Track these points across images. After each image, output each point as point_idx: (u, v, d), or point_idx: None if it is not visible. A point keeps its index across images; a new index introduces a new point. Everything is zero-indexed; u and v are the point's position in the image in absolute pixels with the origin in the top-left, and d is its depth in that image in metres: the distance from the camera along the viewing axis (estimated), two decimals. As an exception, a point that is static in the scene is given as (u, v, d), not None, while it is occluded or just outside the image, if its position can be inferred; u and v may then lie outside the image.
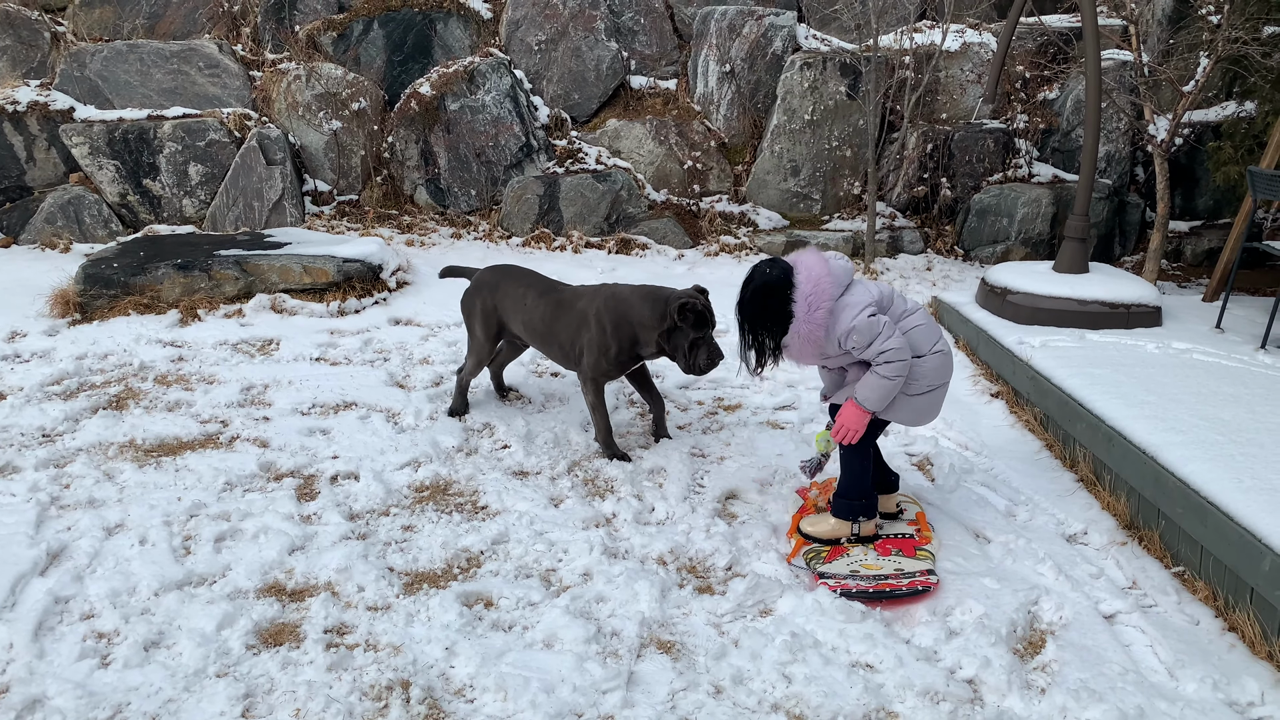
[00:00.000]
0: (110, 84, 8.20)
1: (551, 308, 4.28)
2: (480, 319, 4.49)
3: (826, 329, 3.27)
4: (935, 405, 3.49)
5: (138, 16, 8.83)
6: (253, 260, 6.31)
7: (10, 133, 7.90)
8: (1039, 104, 8.39)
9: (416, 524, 3.69)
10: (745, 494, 4.00)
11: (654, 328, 4.02)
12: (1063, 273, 5.84)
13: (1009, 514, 3.91)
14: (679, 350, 4.01)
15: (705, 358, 4.00)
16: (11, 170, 7.96)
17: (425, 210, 8.42)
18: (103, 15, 8.81)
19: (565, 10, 8.56)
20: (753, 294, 3.35)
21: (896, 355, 3.24)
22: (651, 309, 4.03)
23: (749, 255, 7.98)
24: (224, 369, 5.22)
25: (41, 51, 8.49)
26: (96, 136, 7.87)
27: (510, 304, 4.40)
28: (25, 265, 7.07)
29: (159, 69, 8.26)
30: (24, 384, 4.90)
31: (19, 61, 8.44)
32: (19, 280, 6.60)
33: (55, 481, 3.92)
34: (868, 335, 3.24)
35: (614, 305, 4.11)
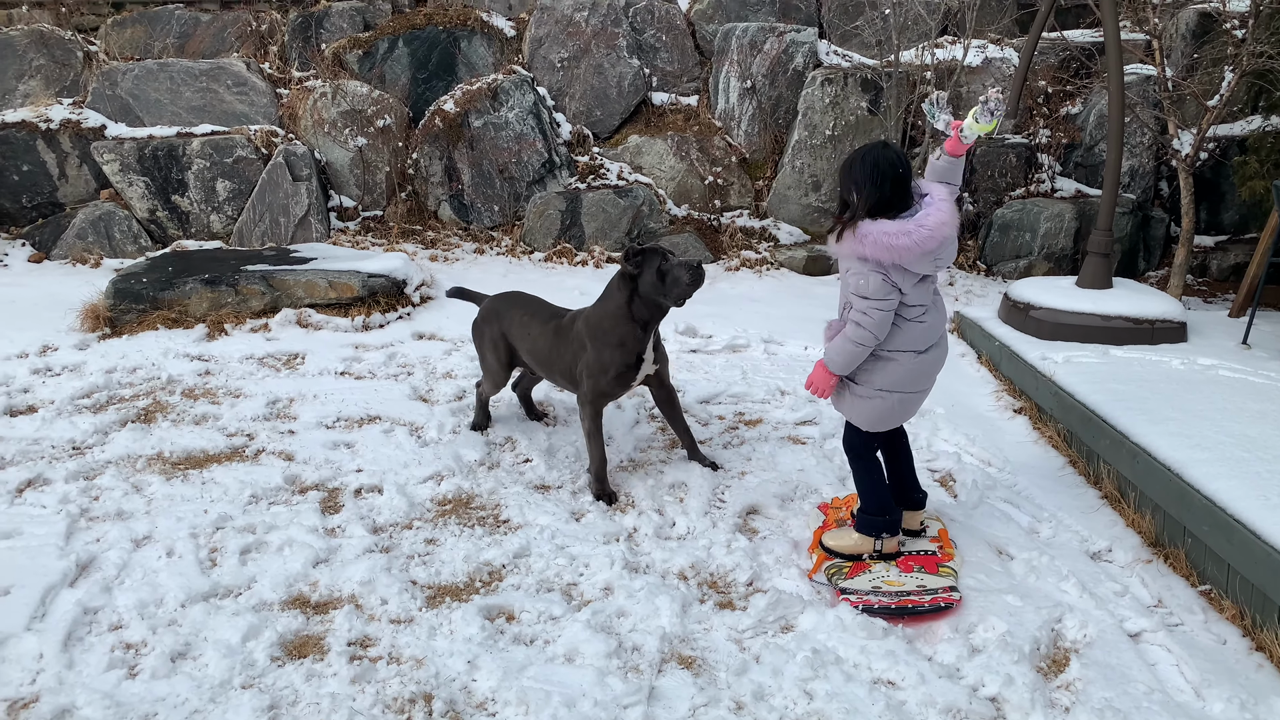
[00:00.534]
0: (141, 102, 8.34)
1: (552, 334, 4.26)
2: (490, 346, 4.51)
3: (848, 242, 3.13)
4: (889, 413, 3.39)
5: (168, 36, 8.98)
6: (279, 275, 6.39)
7: (43, 150, 8.06)
8: (1061, 119, 8.37)
9: (439, 537, 3.71)
10: (766, 509, 4.00)
11: (626, 302, 3.91)
12: (1086, 288, 5.81)
13: (1032, 531, 3.89)
14: (660, 293, 3.84)
15: (686, 272, 3.78)
16: (44, 187, 8.11)
17: (449, 226, 8.49)
18: (134, 35, 8.97)
19: (588, 28, 8.63)
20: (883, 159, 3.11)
21: (871, 326, 3.16)
22: (617, 288, 3.95)
23: (770, 270, 8.00)
24: (250, 383, 5.29)
25: (74, 70, 8.66)
26: (127, 153, 8.01)
27: (517, 332, 4.39)
28: (57, 280, 7.19)
29: (188, 87, 8.39)
30: (55, 397, 4.99)
31: (52, 80, 8.60)
32: (51, 295, 6.72)
33: (85, 494, 3.98)
34: (866, 289, 3.14)
35: (591, 314, 4.09)
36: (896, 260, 3.10)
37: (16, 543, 3.57)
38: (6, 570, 3.36)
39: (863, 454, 3.51)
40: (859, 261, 3.15)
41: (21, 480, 4.07)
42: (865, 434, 3.47)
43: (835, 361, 3.30)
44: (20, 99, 8.51)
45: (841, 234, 3.19)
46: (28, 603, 3.18)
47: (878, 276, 3.13)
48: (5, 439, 4.48)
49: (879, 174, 3.10)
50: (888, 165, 3.12)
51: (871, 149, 3.17)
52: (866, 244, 3.09)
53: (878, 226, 3.08)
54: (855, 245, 3.12)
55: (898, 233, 3.06)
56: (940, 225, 3.09)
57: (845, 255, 3.19)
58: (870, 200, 3.12)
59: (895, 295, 3.17)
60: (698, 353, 5.97)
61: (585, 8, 8.64)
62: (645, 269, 3.85)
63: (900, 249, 3.07)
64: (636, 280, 3.88)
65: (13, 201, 8.09)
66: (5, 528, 3.65)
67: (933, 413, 4.99)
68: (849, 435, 3.53)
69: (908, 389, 3.36)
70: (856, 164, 3.16)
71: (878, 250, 3.08)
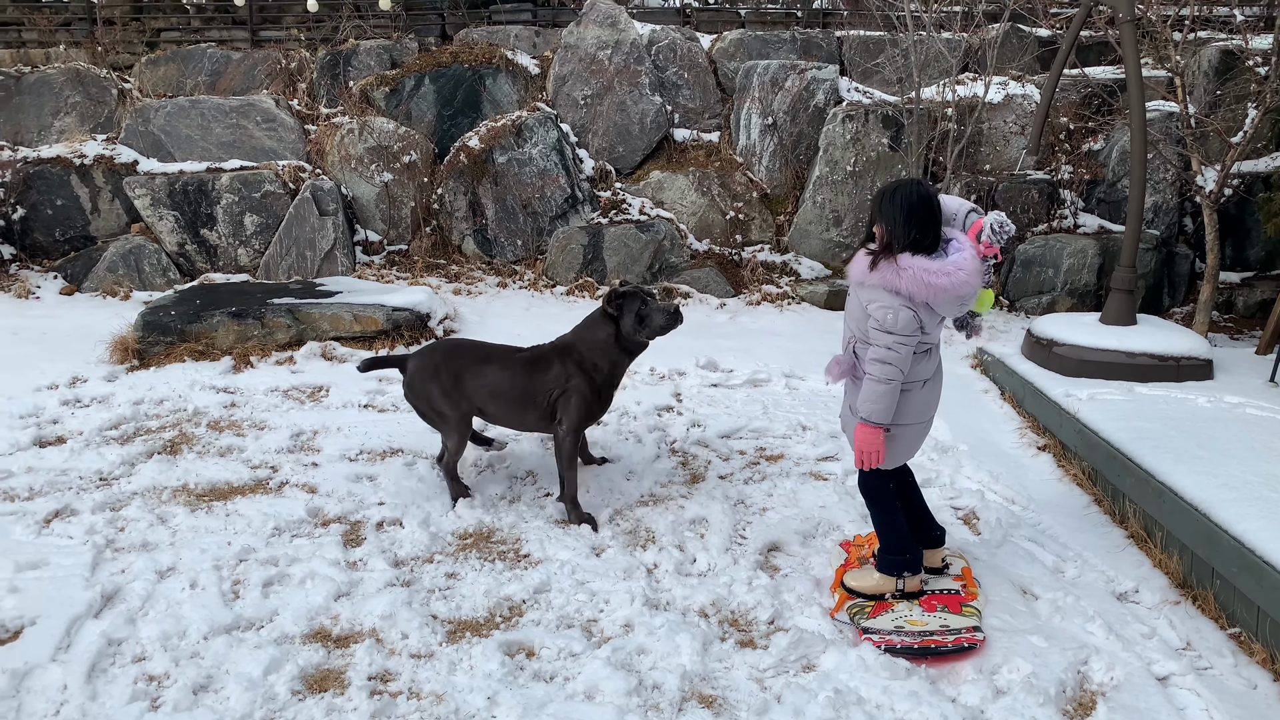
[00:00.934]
0: (172, 138, 8.51)
1: (522, 372, 4.18)
2: (446, 401, 4.21)
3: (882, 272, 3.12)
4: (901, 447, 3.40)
5: (200, 73, 9.17)
6: (304, 309, 6.46)
7: (77, 185, 8.22)
8: (1084, 155, 8.37)
9: (460, 571, 3.72)
10: (788, 546, 3.98)
11: (611, 337, 4.14)
12: (1110, 324, 5.78)
13: (1057, 570, 3.84)
14: (638, 331, 4.11)
15: (661, 315, 4.09)
16: (77, 221, 8.27)
17: (472, 260, 8.57)
18: (167, 73, 9.17)
19: (610, 66, 8.75)
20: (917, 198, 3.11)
21: (899, 362, 3.15)
22: (603, 321, 4.17)
23: (791, 304, 8.01)
24: (275, 415, 5.33)
25: (109, 107, 8.85)
26: (158, 188, 8.15)
27: (471, 379, 4.20)
28: (87, 312, 7.31)
29: (219, 123, 8.55)
30: (84, 428, 5.05)
31: (87, 117, 8.80)
32: (81, 327, 6.82)
33: (111, 524, 4.02)
34: (893, 324, 3.12)
35: (581, 344, 4.20)
36: (931, 299, 3.10)
37: (44, 573, 3.60)
38: (34, 600, 3.40)
39: (880, 494, 3.49)
40: (889, 295, 3.13)
41: (49, 511, 4.12)
42: (880, 474, 3.46)
43: (876, 411, 3.21)
44: (56, 135, 8.71)
45: (876, 263, 3.16)
46: (53, 633, 3.21)
47: (908, 312, 3.11)
48: (34, 470, 4.54)
49: (916, 213, 3.10)
50: (923, 205, 3.11)
51: (908, 186, 3.15)
52: (904, 278, 3.07)
53: (918, 262, 3.07)
54: (892, 278, 3.09)
55: (939, 272, 3.06)
56: (975, 272, 3.11)
57: (875, 285, 3.16)
58: (906, 237, 3.11)
59: (919, 333, 3.17)
60: (719, 387, 5.97)
61: (608, 46, 8.75)
62: (625, 313, 4.11)
63: (938, 288, 3.06)
64: (618, 322, 4.13)
65: (46, 235, 8.25)
66: (33, 558, 3.69)
67: (956, 449, 4.96)
68: (865, 478, 3.51)
69: (919, 419, 3.38)
70: (893, 198, 3.13)
71: (915, 286, 3.07)
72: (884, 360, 3.15)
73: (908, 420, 3.34)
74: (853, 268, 3.28)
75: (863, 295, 3.25)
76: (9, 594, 3.44)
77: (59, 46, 9.65)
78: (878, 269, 3.14)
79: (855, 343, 3.32)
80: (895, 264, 3.09)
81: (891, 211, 3.13)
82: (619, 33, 8.79)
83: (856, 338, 3.31)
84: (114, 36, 9.68)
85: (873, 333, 3.18)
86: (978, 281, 3.13)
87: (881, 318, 3.14)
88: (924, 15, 7.84)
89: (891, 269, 3.10)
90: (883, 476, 3.47)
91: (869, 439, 3.25)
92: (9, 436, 4.89)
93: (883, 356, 3.15)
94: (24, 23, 10.01)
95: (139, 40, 9.88)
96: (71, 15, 10.17)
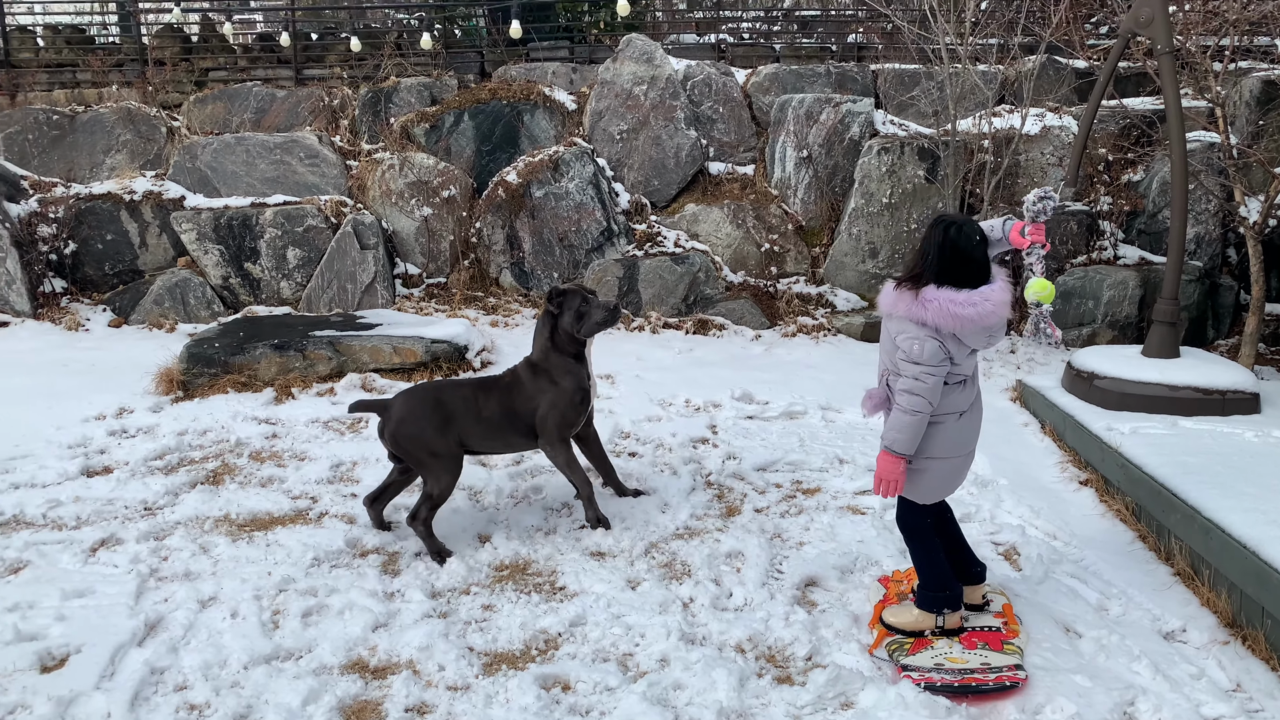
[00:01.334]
0: (218, 174, 8.72)
1: (502, 397, 4.31)
2: (440, 439, 4.15)
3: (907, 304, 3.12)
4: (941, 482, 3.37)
5: (245, 111, 9.41)
6: (345, 341, 6.56)
7: (126, 220, 8.44)
8: (1123, 186, 8.30)
9: (496, 603, 3.73)
10: (825, 581, 3.95)
11: (559, 339, 4.35)
12: (1152, 357, 5.70)
13: (1101, 608, 3.77)
14: (577, 328, 4.30)
15: (601, 311, 4.30)
16: (126, 255, 8.48)
17: (509, 292, 8.66)
18: (214, 111, 9.42)
19: (646, 101, 8.84)
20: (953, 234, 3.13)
21: (926, 392, 3.14)
22: (541, 327, 4.40)
23: (827, 336, 7.99)
24: (315, 446, 5.40)
25: (158, 145, 9.10)
26: (204, 223, 8.35)
27: (462, 413, 4.20)
28: (134, 344, 7.47)
29: (263, 159, 8.75)
30: (129, 458, 5.15)
31: (137, 154, 9.05)
32: (128, 359, 6.97)
33: (155, 554, 4.08)
34: (919, 355, 3.12)
35: (533, 358, 4.41)
36: (957, 329, 3.10)
37: (89, 601, 3.67)
38: (79, 629, 3.46)
39: (918, 530, 3.46)
40: (915, 325, 3.13)
41: (96, 540, 4.20)
42: (919, 509, 3.43)
43: (899, 440, 3.21)
44: (107, 172, 8.96)
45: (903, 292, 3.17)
46: (98, 661, 3.27)
47: (934, 343, 3.12)
48: (82, 499, 4.64)
49: (946, 249, 3.11)
50: (959, 242, 3.12)
51: (954, 224, 3.16)
52: (930, 309, 3.08)
53: (944, 294, 3.08)
54: (918, 309, 3.10)
55: (964, 302, 3.07)
56: (1003, 303, 3.11)
57: (902, 316, 3.17)
58: (938, 271, 3.12)
59: (947, 363, 3.16)
60: (754, 419, 5.96)
61: (644, 82, 8.86)
62: (565, 309, 4.32)
63: (964, 319, 3.07)
64: (556, 319, 4.34)
65: (96, 269, 8.46)
66: (79, 586, 3.76)
67: (996, 484, 4.90)
68: (902, 513, 3.48)
69: (956, 453, 3.34)
70: (932, 230, 3.16)
71: (940, 316, 3.07)
72: (911, 391, 3.16)
73: (942, 454, 3.31)
74: (882, 299, 3.29)
75: (891, 327, 3.26)
76: (56, 622, 3.51)
77: (112, 86, 9.95)
78: (904, 300, 3.15)
79: (888, 375, 3.32)
80: (921, 295, 3.11)
81: (927, 244, 3.16)
82: (655, 68, 8.90)
83: (889, 370, 3.31)
84: (164, 76, 9.97)
85: (900, 364, 3.19)
86: (1005, 313, 3.14)
87: (908, 348, 3.15)
88: (959, 48, 7.85)
89: (918, 300, 3.11)
90: (920, 512, 3.44)
91: (889, 467, 3.25)
92: (58, 466, 5.01)
93: (910, 387, 3.16)
94: (78, 64, 10.35)
95: (188, 80, 10.17)
96: (124, 56, 10.49)
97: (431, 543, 4.12)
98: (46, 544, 4.16)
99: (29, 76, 10.19)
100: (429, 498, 4.13)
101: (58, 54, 10.57)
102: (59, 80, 10.18)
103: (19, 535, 4.25)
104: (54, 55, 10.57)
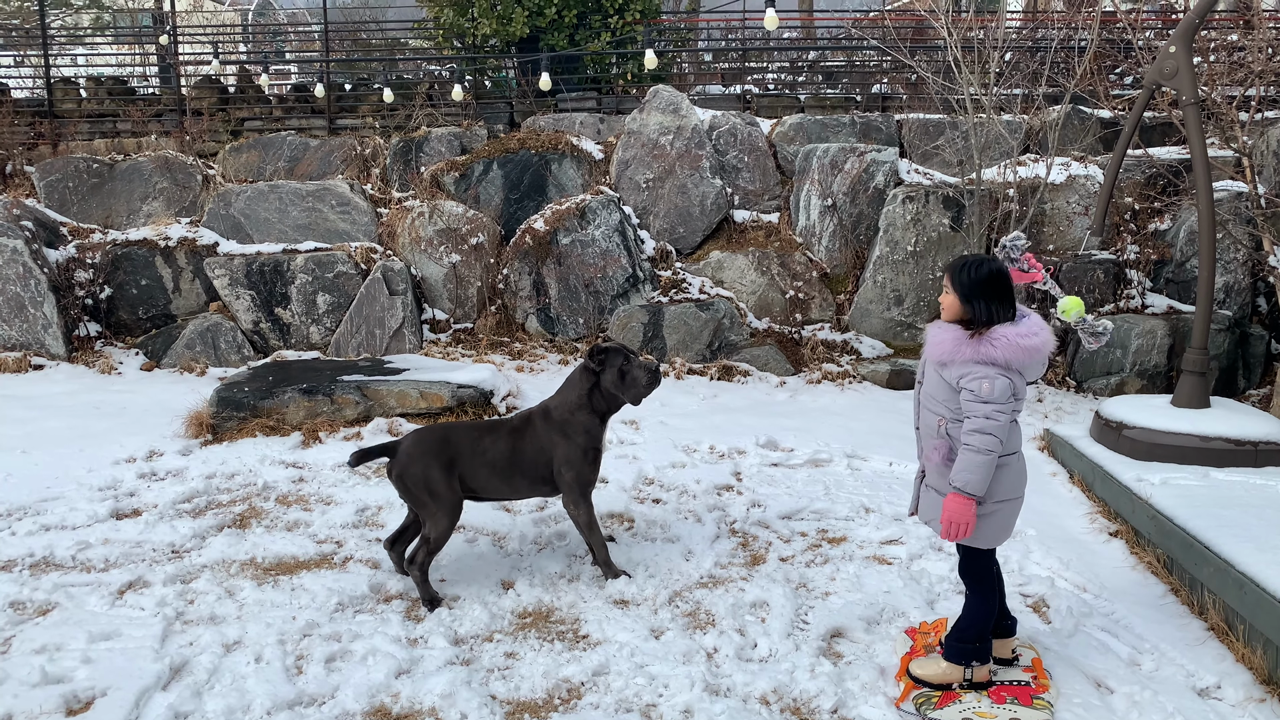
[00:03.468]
0: (251, 221, 8.89)
1: (509, 439, 4.26)
2: (445, 481, 4.13)
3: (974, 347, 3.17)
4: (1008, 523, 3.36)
5: (279, 160, 9.61)
6: (372, 386, 6.62)
7: (161, 265, 8.61)
8: (1150, 235, 8.28)
9: (519, 651, 3.71)
10: (851, 632, 3.90)
11: (587, 394, 4.24)
12: (1182, 407, 5.64)
13: (1132, 663, 3.70)
14: (621, 390, 4.22)
15: (644, 374, 4.20)
16: (159, 300, 8.64)
17: (535, 338, 8.72)
18: (249, 159, 9.63)
19: (672, 150, 8.95)
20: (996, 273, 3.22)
21: (998, 431, 3.15)
22: (579, 380, 4.27)
23: (852, 383, 7.97)
24: (341, 490, 5.44)
25: (194, 192, 9.31)
26: (236, 269, 8.50)
27: (467, 455, 4.19)
28: (165, 388, 7.58)
29: (295, 207, 8.93)
30: (158, 501, 5.20)
31: (173, 201, 9.26)
32: (159, 402, 7.07)
33: (181, 597, 4.11)
34: (991, 393, 3.14)
35: (555, 406, 4.31)
36: (1027, 361, 3.18)
37: (115, 644, 3.69)
38: (105, 671, 3.48)
39: (983, 577, 3.41)
40: (984, 366, 3.16)
41: (123, 582, 4.23)
42: (985, 554, 3.40)
43: (972, 481, 3.18)
44: (144, 219, 9.16)
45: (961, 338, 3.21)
46: (123, 705, 3.28)
47: (1004, 380, 3.16)
48: (111, 541, 4.68)
49: (998, 287, 3.21)
50: (1003, 278, 3.23)
51: (986, 264, 3.24)
52: (1000, 346, 3.14)
53: (1008, 330, 3.17)
54: (988, 350, 3.15)
55: (1027, 334, 3.17)
56: (1050, 331, 3.24)
57: (966, 360, 3.19)
58: (995, 309, 3.20)
59: (1014, 399, 3.20)
60: (779, 466, 5.94)
61: (670, 131, 8.98)
62: (607, 368, 4.20)
63: (1031, 349, 3.16)
64: (599, 376, 4.22)
65: (130, 313, 8.62)
66: (106, 629, 3.79)
67: (1024, 534, 4.85)
68: (968, 562, 3.43)
69: (1017, 493, 3.36)
70: (975, 275, 3.22)
71: (1011, 351, 3.14)
72: (983, 430, 3.16)
73: (1007, 495, 3.31)
74: (933, 349, 3.30)
75: (949, 374, 3.26)
76: (82, 664, 3.53)
77: (151, 136, 10.22)
78: (967, 344, 3.19)
79: (946, 423, 3.31)
80: (988, 335, 3.17)
81: (976, 290, 3.21)
82: (681, 119, 9.02)
83: (945, 418, 3.30)
84: (201, 126, 10.22)
85: (968, 405, 3.19)
86: (1054, 341, 3.28)
87: (978, 388, 3.16)
88: (983, 98, 7.91)
89: (985, 342, 3.17)
90: (986, 559, 3.41)
91: (962, 509, 3.20)
92: (88, 509, 5.06)
93: (982, 426, 3.16)
94: (119, 114, 10.64)
95: (224, 129, 10.42)
96: (163, 107, 10.78)
97: (425, 589, 4.08)
98: (75, 586, 4.20)
99: (71, 126, 10.49)
100: (426, 541, 4.11)
101: (99, 104, 10.88)
102: (100, 130, 10.47)
103: (48, 577, 4.29)
104: (96, 105, 10.88)
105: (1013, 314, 3.23)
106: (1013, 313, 3.23)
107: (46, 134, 10.19)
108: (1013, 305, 3.24)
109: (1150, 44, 8.55)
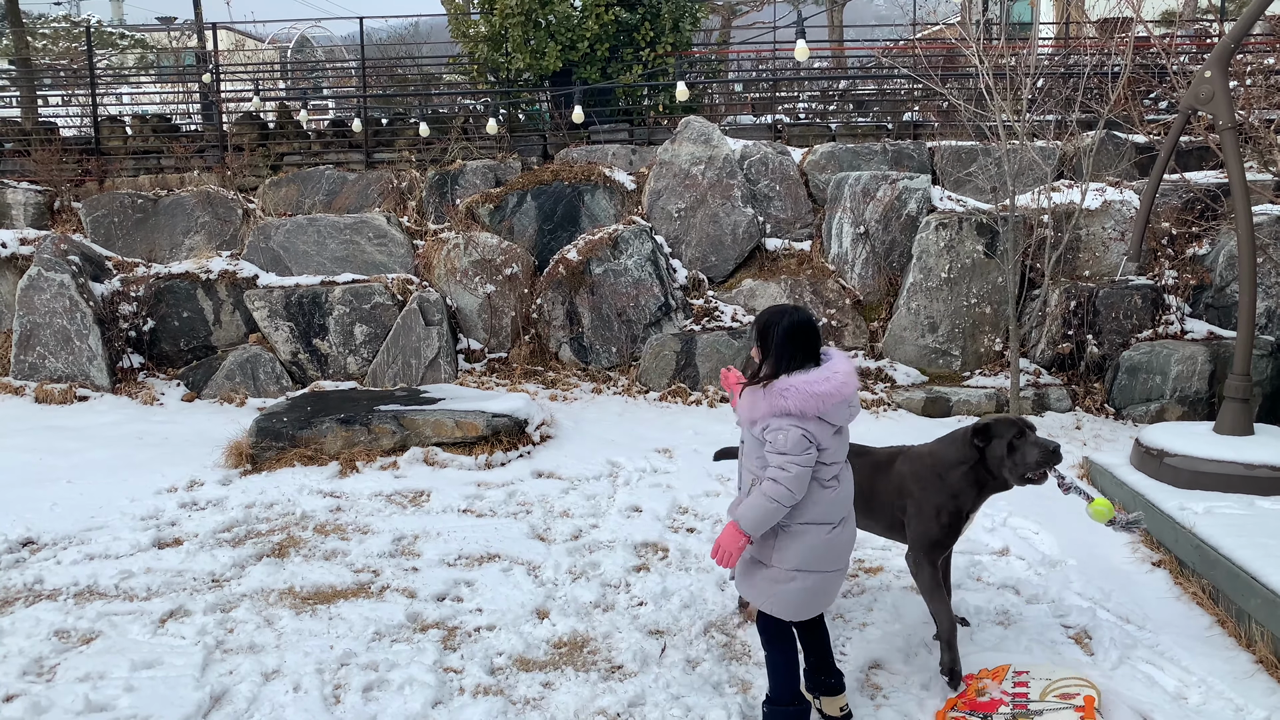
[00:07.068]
0: (290, 253, 9.05)
1: (868, 470, 3.98)
2: None
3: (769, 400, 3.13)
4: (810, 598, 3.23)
5: (318, 193, 9.80)
6: (409, 415, 6.69)
7: (202, 298, 8.78)
8: (1188, 260, 8.18)
9: (554, 681, 3.71)
10: (890, 664, 3.86)
11: (972, 463, 3.68)
12: (1225, 434, 5.54)
13: (1179, 696, 3.63)
14: (1004, 470, 3.62)
15: (1035, 453, 3.53)
16: (200, 332, 8.80)
17: (568, 366, 8.77)
18: (288, 193, 9.83)
19: (704, 180, 9.01)
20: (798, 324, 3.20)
21: (788, 482, 3.08)
22: (964, 444, 3.72)
23: (887, 411, 7.91)
24: (378, 519, 5.48)
25: (234, 226, 9.50)
26: (275, 301, 8.64)
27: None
28: (205, 418, 7.70)
29: (333, 239, 9.08)
30: (199, 530, 5.28)
31: (214, 235, 9.46)
32: (199, 432, 7.19)
33: (221, 625, 4.16)
34: (785, 444, 3.09)
35: (926, 456, 3.89)
36: (819, 408, 3.10)
37: (157, 673, 3.74)
38: (147, 700, 3.52)
39: (775, 636, 3.30)
40: (778, 418, 3.12)
41: (165, 611, 4.29)
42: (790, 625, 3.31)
43: (747, 518, 3.14)
44: (186, 252, 9.37)
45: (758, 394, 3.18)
46: (165, 733, 3.32)
47: (797, 431, 3.09)
48: (153, 570, 4.75)
49: (798, 338, 3.17)
50: (804, 329, 3.19)
51: (786, 313, 3.23)
52: (790, 396, 3.09)
53: (796, 380, 3.11)
54: (779, 402, 3.11)
55: (819, 380, 3.11)
56: (850, 374, 3.17)
57: (764, 415, 3.16)
58: (785, 361, 3.16)
59: (813, 450, 3.13)
60: (814, 496, 5.90)
61: (702, 161, 9.04)
62: (994, 438, 3.64)
63: (824, 395, 3.09)
64: (983, 452, 3.68)
65: (172, 345, 8.79)
66: (148, 657, 3.84)
67: (1064, 564, 4.78)
68: (762, 620, 3.33)
69: (826, 567, 3.23)
70: (774, 329, 3.19)
71: (802, 400, 3.08)
72: (774, 479, 3.11)
73: (804, 567, 3.18)
74: (742, 410, 3.28)
75: (755, 431, 3.23)
76: (125, 692, 3.58)
77: (193, 171, 10.46)
78: (762, 401, 3.16)
79: (756, 484, 3.23)
80: (774, 387, 3.13)
81: (780, 340, 3.18)
82: (712, 149, 9.08)
83: (758, 477, 3.24)
84: (242, 161, 10.45)
85: (766, 454, 3.16)
86: (855, 380, 3.20)
87: (773, 439, 3.13)
88: (1016, 125, 7.89)
89: (776, 394, 3.12)
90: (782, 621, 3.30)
91: (731, 539, 3.16)
92: (131, 538, 5.15)
93: (774, 475, 3.11)
94: (163, 150, 10.90)
95: (264, 164, 10.65)
96: (205, 143, 11.04)
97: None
98: (118, 614, 4.27)
99: (117, 163, 10.77)
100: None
101: (144, 141, 11.16)
102: (144, 166, 10.74)
103: (92, 606, 4.36)
104: (140, 142, 11.17)
105: (807, 363, 3.16)
106: (808, 362, 3.16)
107: (93, 170, 10.47)
108: (809, 355, 3.17)
109: (1185, 69, 8.49)
